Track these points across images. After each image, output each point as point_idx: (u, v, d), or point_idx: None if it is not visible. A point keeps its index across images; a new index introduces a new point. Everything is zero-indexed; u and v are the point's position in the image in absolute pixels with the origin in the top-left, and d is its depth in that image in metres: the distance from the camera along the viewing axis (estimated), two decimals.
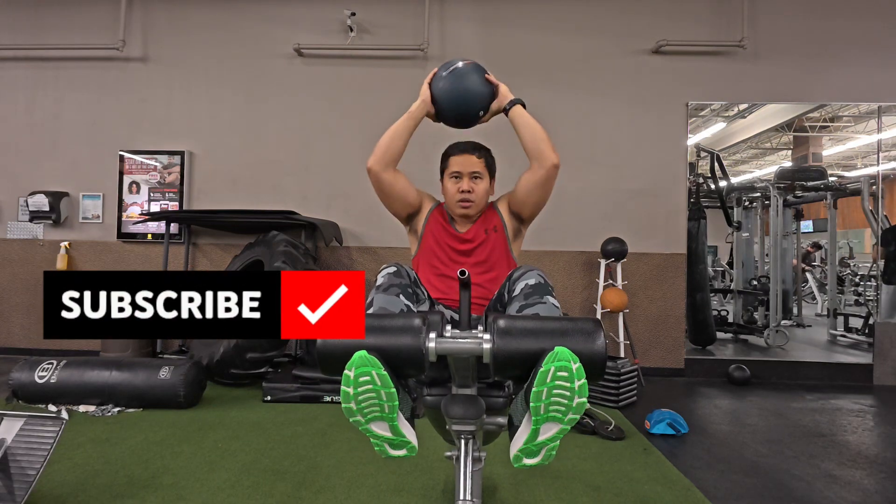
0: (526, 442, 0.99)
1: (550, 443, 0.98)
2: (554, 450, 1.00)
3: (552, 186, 1.64)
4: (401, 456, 1.04)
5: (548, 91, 4.26)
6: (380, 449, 1.04)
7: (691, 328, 4.60)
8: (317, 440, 2.62)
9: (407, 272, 1.40)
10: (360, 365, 0.95)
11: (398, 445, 1.04)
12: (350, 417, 1.00)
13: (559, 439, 0.98)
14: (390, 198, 1.67)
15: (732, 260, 5.85)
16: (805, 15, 4.23)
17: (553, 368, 0.93)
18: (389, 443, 1.03)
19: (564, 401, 0.94)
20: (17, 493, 1.69)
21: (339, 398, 0.99)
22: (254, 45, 4.41)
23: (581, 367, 0.93)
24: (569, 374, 0.92)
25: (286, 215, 3.86)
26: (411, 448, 1.04)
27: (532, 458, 1.01)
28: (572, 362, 0.93)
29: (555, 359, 0.93)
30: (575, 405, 0.94)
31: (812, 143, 6.27)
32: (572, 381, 0.93)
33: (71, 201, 4.46)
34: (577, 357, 0.94)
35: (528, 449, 0.99)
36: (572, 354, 0.93)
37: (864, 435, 2.94)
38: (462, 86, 1.64)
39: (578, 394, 0.94)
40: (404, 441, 1.03)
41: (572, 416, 0.95)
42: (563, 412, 0.95)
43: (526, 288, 1.31)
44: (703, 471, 2.37)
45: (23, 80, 4.53)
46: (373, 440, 1.03)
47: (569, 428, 0.97)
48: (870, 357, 4.23)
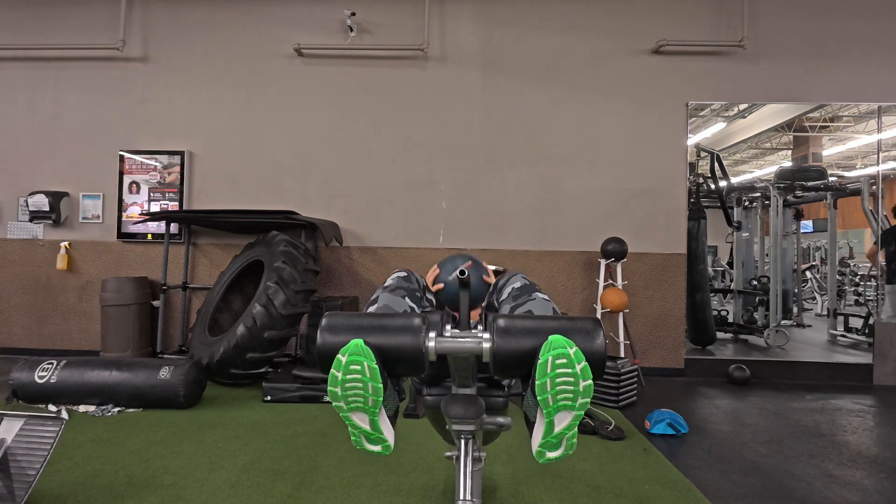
0: (544, 436, 0.99)
1: (568, 431, 0.98)
2: (574, 438, 1.00)
3: None
4: (375, 452, 1.04)
5: (548, 91, 4.27)
6: (356, 439, 1.04)
7: (691, 328, 4.61)
8: (317, 440, 2.62)
9: (417, 279, 1.40)
10: (354, 353, 0.96)
11: (374, 441, 1.04)
12: (333, 401, 1.00)
13: (576, 426, 0.98)
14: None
15: (732, 260, 5.85)
16: (805, 15, 4.24)
17: (551, 358, 0.93)
18: (366, 436, 1.03)
19: (570, 387, 0.94)
20: (17, 493, 1.69)
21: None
22: (254, 45, 4.42)
23: (579, 351, 0.93)
24: (567, 359, 0.92)
25: (286, 215, 3.86)
26: (386, 446, 1.04)
27: (554, 451, 1.00)
28: (568, 347, 0.92)
29: (550, 348, 0.93)
30: (582, 389, 0.94)
31: (812, 143, 6.27)
32: (573, 366, 0.92)
33: (71, 201, 4.46)
34: (572, 342, 0.93)
35: (549, 442, 0.99)
36: (567, 340, 0.93)
37: (864, 435, 2.93)
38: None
39: (582, 377, 0.93)
40: (381, 438, 1.03)
41: (582, 400, 0.95)
42: (572, 398, 0.95)
43: (513, 291, 1.32)
44: (703, 471, 2.37)
45: (23, 80, 4.53)
46: (351, 429, 1.03)
47: (582, 413, 0.96)
48: (870, 357, 4.23)
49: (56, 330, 4.47)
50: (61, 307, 4.47)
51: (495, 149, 4.28)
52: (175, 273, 4.38)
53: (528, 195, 4.27)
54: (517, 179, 4.28)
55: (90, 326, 4.43)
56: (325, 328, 1.05)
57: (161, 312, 4.26)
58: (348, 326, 1.04)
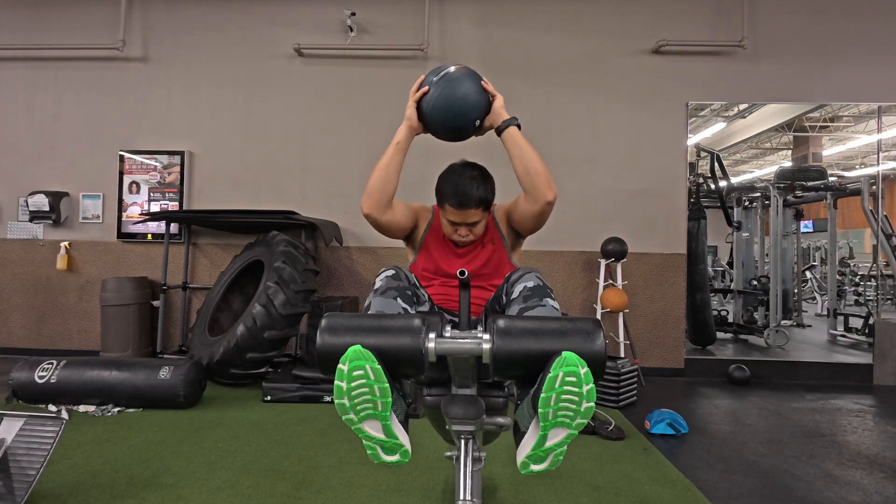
0: (534, 448, 0.98)
1: (558, 448, 0.98)
2: (561, 455, 0.99)
3: (547, 219, 1.52)
4: (394, 461, 1.02)
5: (548, 91, 4.27)
6: (372, 452, 1.02)
7: (691, 328, 4.60)
8: (317, 440, 2.62)
9: (406, 275, 1.39)
10: (354, 358, 0.95)
11: (391, 449, 1.02)
12: (343, 415, 0.98)
13: (567, 444, 0.98)
14: (390, 233, 1.62)
15: (732, 260, 5.85)
16: (805, 15, 4.23)
17: (562, 374, 0.92)
18: (382, 445, 1.01)
19: (573, 406, 0.93)
20: (17, 493, 1.69)
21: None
22: (254, 45, 4.42)
23: (589, 372, 0.93)
24: (577, 378, 0.92)
25: (286, 215, 3.86)
26: (404, 452, 1.02)
27: (539, 465, 1.00)
28: (580, 367, 0.92)
29: (563, 364, 0.92)
30: (583, 410, 0.94)
31: (812, 143, 6.27)
32: (580, 386, 0.92)
33: (71, 201, 4.46)
34: (584, 362, 0.93)
35: (536, 455, 0.99)
36: (580, 359, 0.93)
37: (864, 435, 2.93)
38: (455, 94, 1.43)
39: (587, 398, 0.93)
40: (398, 444, 1.01)
41: (580, 420, 0.95)
42: (571, 417, 0.95)
43: (525, 290, 1.29)
44: (703, 471, 2.37)
45: (23, 80, 4.53)
46: (365, 443, 1.02)
47: (577, 433, 0.97)
48: (870, 357, 4.23)
49: (56, 330, 4.47)
50: (61, 307, 4.47)
51: (495, 148, 4.27)
52: (175, 273, 4.38)
53: None
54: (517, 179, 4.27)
55: (90, 326, 4.43)
56: (324, 329, 1.05)
57: (161, 312, 4.26)
58: (348, 327, 1.04)
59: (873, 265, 4.99)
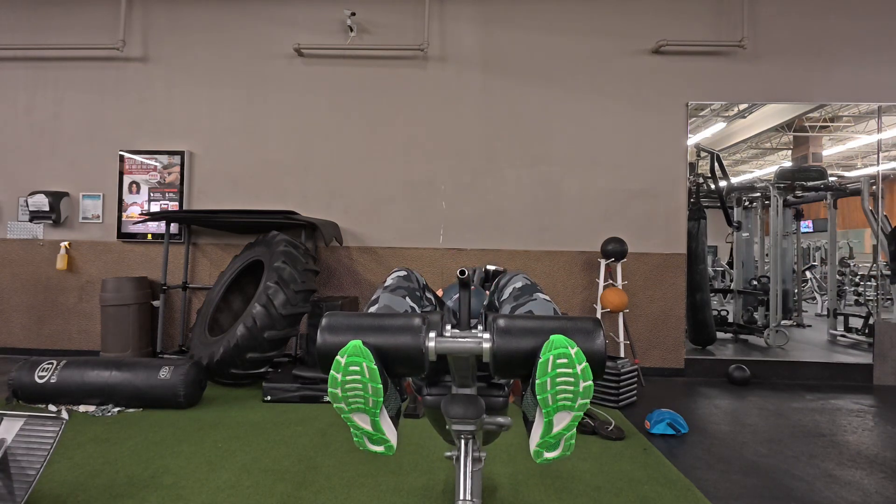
0: (543, 435, 0.99)
1: (567, 432, 0.98)
2: (573, 439, 1.00)
3: None
4: (378, 452, 1.05)
5: (548, 91, 4.27)
6: (358, 440, 1.05)
7: (691, 328, 4.60)
8: (317, 440, 2.62)
9: (416, 278, 1.41)
10: (353, 354, 0.96)
11: (377, 441, 1.04)
12: (334, 403, 1.00)
13: (575, 427, 0.98)
14: None
15: (732, 260, 5.85)
16: (805, 15, 4.24)
17: (552, 357, 0.93)
18: (369, 437, 1.04)
19: (570, 387, 0.94)
20: (17, 493, 1.69)
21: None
22: (254, 45, 4.42)
23: (580, 351, 0.93)
24: (568, 359, 0.92)
25: (286, 215, 3.86)
26: (389, 447, 1.04)
27: (552, 452, 1.00)
28: (570, 347, 0.93)
29: (551, 347, 0.93)
30: (582, 390, 0.94)
31: (812, 143, 6.27)
32: (573, 367, 0.93)
33: (71, 201, 4.46)
34: (573, 342, 0.93)
35: (547, 442, 0.99)
36: (568, 340, 0.93)
37: (864, 435, 2.93)
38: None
39: (583, 378, 0.93)
40: (383, 438, 1.03)
41: (582, 401, 0.95)
42: (571, 399, 0.95)
43: (514, 291, 1.32)
44: (703, 471, 2.37)
45: (23, 80, 4.53)
46: (353, 430, 1.04)
47: (581, 414, 0.97)
48: (870, 357, 4.23)
49: (56, 330, 4.47)
50: (61, 307, 4.47)
51: (495, 149, 4.28)
52: (175, 273, 4.38)
53: (527, 195, 4.27)
54: (517, 179, 4.28)
55: (90, 326, 4.43)
56: (324, 328, 1.05)
57: (161, 312, 4.26)
58: (348, 326, 1.04)
59: (873, 265, 4.99)
